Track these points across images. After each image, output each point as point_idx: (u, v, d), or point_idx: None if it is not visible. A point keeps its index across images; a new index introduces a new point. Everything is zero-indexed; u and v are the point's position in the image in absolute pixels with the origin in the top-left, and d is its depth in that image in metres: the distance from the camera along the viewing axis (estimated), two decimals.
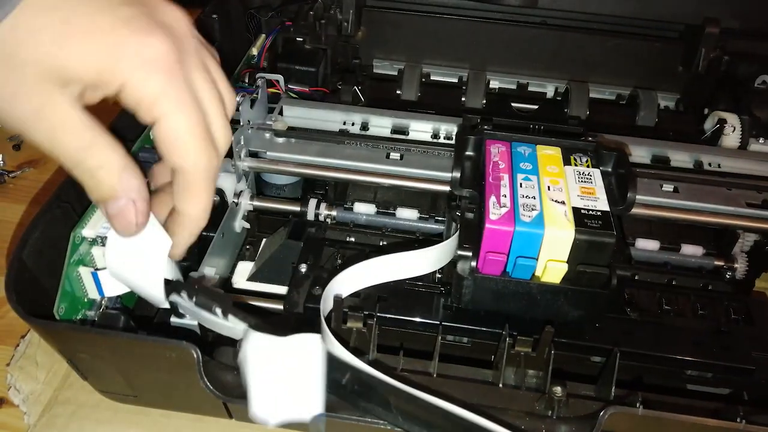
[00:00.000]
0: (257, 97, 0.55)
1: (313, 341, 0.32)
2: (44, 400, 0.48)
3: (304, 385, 0.32)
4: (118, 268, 0.37)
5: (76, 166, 0.32)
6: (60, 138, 0.31)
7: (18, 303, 0.37)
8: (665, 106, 0.70)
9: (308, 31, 0.69)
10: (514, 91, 0.72)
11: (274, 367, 0.32)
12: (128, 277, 0.37)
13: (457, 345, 0.48)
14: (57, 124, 0.30)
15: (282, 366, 0.32)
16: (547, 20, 0.70)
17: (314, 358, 0.32)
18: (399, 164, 0.52)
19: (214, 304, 0.36)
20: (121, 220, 0.33)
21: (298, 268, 0.49)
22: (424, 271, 0.48)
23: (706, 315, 0.49)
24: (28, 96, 0.30)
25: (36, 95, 0.30)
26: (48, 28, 0.29)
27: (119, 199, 0.32)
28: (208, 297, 0.36)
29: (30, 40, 0.29)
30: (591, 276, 0.43)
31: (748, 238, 0.54)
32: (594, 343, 0.46)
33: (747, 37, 0.66)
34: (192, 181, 0.33)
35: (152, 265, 0.35)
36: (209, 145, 0.33)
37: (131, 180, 0.32)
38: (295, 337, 0.32)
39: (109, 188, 0.32)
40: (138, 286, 0.37)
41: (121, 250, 0.36)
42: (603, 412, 0.36)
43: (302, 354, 0.32)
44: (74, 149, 0.31)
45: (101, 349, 0.40)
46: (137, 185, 0.33)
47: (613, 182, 0.47)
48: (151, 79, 0.31)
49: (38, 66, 0.29)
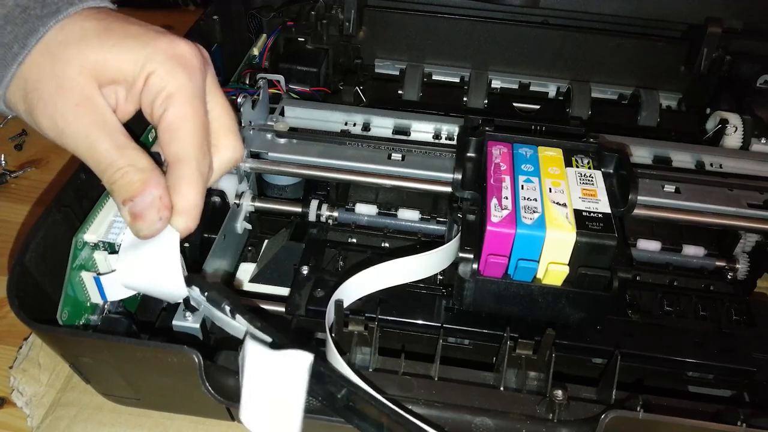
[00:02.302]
0: (258, 97, 0.55)
1: (304, 360, 0.32)
2: (47, 403, 0.48)
3: (287, 402, 0.33)
4: (131, 273, 0.38)
5: (109, 165, 0.34)
6: (97, 136, 0.33)
7: (20, 308, 0.38)
8: (667, 106, 0.70)
9: (310, 31, 0.69)
10: (516, 91, 0.72)
11: (264, 378, 0.33)
12: (142, 279, 0.38)
13: (459, 347, 0.48)
14: (96, 120, 0.33)
15: (270, 378, 0.33)
16: (548, 20, 0.70)
17: (300, 378, 0.32)
18: (400, 165, 0.52)
19: (224, 301, 0.37)
20: (147, 216, 0.34)
21: (299, 269, 0.49)
22: (427, 275, 0.48)
23: (707, 316, 0.49)
24: (72, 90, 0.33)
25: (78, 89, 0.33)
26: (93, 31, 0.33)
27: (146, 194, 0.34)
28: (220, 294, 0.37)
29: (77, 39, 0.33)
30: (592, 278, 0.43)
31: (749, 239, 0.54)
32: (595, 345, 0.46)
33: (749, 36, 0.66)
34: (186, 172, 0.35)
35: (168, 258, 0.36)
36: (206, 144, 0.36)
37: (159, 176, 0.35)
38: (286, 353, 0.33)
39: (139, 184, 0.34)
40: (154, 284, 0.38)
41: (134, 255, 0.37)
42: (604, 416, 0.36)
43: (291, 371, 0.33)
44: (109, 147, 0.34)
45: (104, 354, 0.40)
46: (163, 180, 0.35)
47: (615, 184, 0.47)
48: (174, 72, 0.34)
49: (83, 62, 0.33)
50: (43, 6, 0.33)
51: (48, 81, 0.33)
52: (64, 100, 0.33)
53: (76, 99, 0.33)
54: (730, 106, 0.63)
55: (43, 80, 0.33)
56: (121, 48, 0.33)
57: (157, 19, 1.01)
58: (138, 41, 0.34)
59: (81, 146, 0.33)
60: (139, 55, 0.33)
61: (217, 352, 0.42)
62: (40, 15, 0.33)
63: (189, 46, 0.35)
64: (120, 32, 0.34)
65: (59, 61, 0.33)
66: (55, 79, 0.33)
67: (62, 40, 0.33)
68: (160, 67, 0.34)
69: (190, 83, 0.34)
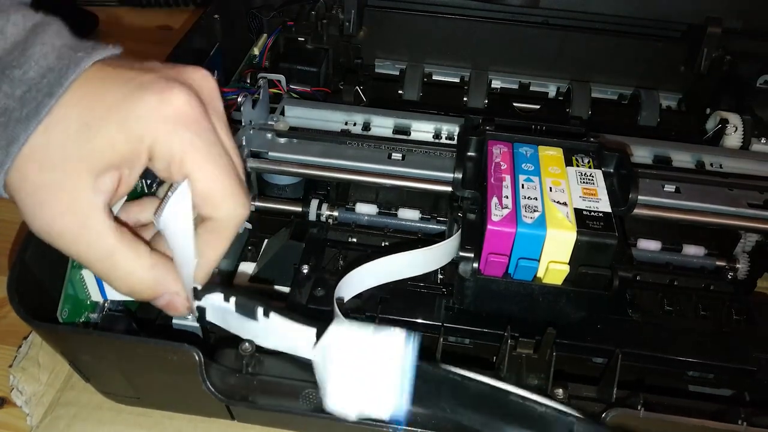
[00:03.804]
0: (259, 97, 0.55)
1: (399, 337, 0.32)
2: (47, 402, 0.48)
3: (384, 381, 0.32)
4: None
5: (105, 277, 0.33)
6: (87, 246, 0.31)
7: (21, 305, 0.37)
8: (667, 106, 0.70)
9: (310, 31, 0.69)
10: (516, 91, 0.72)
11: (355, 361, 0.32)
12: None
13: (459, 346, 0.48)
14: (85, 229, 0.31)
15: (363, 360, 0.32)
16: (549, 20, 0.70)
17: (398, 356, 0.32)
18: (401, 165, 0.52)
19: (255, 305, 0.35)
20: (172, 310, 0.35)
21: (300, 268, 0.49)
22: (428, 269, 0.48)
23: (707, 316, 0.49)
24: (61, 193, 0.30)
25: (67, 194, 0.30)
26: (75, 121, 0.30)
27: (162, 297, 0.34)
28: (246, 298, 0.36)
29: (62, 138, 0.30)
30: (593, 277, 0.43)
31: (749, 239, 0.54)
32: (596, 344, 0.46)
33: (749, 36, 0.66)
34: (221, 229, 0.34)
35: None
36: (243, 193, 0.34)
37: (165, 278, 0.33)
38: (380, 332, 0.32)
39: (148, 291, 0.33)
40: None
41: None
42: (605, 415, 0.36)
43: (387, 350, 0.32)
44: (98, 259, 0.32)
45: (104, 352, 0.40)
46: (172, 279, 0.34)
47: (615, 183, 0.47)
48: (177, 133, 0.30)
49: (71, 160, 0.30)
50: (23, 105, 0.29)
51: (37, 192, 0.30)
52: (50, 212, 0.30)
53: (63, 207, 0.30)
54: (730, 106, 0.63)
55: (28, 189, 0.30)
56: (106, 130, 0.30)
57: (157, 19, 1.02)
58: (122, 114, 0.30)
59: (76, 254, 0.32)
60: (131, 131, 0.30)
61: (218, 351, 0.42)
62: (19, 118, 0.29)
63: (182, 96, 0.31)
64: (102, 109, 0.30)
65: (49, 169, 0.30)
66: (45, 189, 0.30)
67: (45, 142, 0.30)
68: (158, 134, 0.30)
69: (198, 139, 0.31)
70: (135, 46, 0.91)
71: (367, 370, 0.32)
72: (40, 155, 0.30)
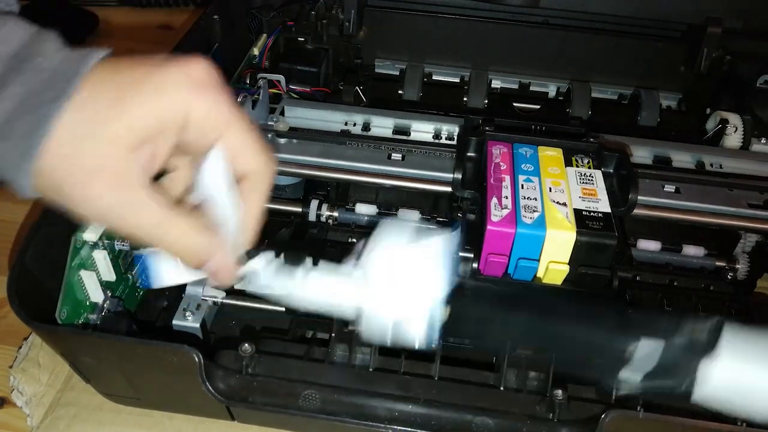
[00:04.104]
0: (258, 97, 0.55)
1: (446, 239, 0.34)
2: (47, 402, 0.48)
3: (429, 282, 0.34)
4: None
5: (158, 243, 0.33)
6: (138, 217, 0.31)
7: (20, 307, 0.38)
8: (667, 106, 0.70)
9: (310, 31, 0.69)
10: (516, 91, 0.72)
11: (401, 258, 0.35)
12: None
13: (459, 346, 0.48)
14: (133, 201, 0.31)
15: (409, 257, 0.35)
16: (549, 20, 0.70)
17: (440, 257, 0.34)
18: (400, 165, 0.52)
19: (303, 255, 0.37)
20: (220, 276, 0.35)
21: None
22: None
23: (707, 316, 0.49)
24: (102, 174, 0.30)
25: (110, 171, 0.30)
26: (103, 97, 0.30)
27: (212, 261, 0.34)
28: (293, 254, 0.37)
29: (92, 114, 0.30)
30: (593, 277, 0.43)
31: (749, 239, 0.54)
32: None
33: (749, 36, 0.66)
34: (258, 183, 0.35)
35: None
36: (268, 147, 0.35)
37: (214, 242, 0.34)
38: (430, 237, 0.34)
39: (202, 253, 0.33)
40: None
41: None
42: (604, 416, 0.36)
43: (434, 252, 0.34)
44: (150, 226, 0.32)
45: (103, 353, 0.40)
46: (220, 243, 0.34)
47: (615, 183, 0.47)
48: (206, 97, 0.32)
49: (106, 135, 0.30)
50: (49, 88, 0.30)
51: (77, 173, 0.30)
52: (95, 192, 0.30)
53: (109, 183, 0.30)
54: (730, 106, 0.63)
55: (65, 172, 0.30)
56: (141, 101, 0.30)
57: (157, 19, 1.02)
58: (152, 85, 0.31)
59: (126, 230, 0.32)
60: (161, 99, 0.31)
61: (217, 352, 0.42)
62: (44, 100, 0.29)
63: (202, 64, 0.32)
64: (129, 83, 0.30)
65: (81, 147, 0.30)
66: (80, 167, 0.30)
67: (75, 120, 0.30)
68: (191, 100, 0.31)
69: (225, 102, 0.32)
70: (135, 46, 0.91)
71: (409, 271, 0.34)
72: (71, 134, 0.30)
